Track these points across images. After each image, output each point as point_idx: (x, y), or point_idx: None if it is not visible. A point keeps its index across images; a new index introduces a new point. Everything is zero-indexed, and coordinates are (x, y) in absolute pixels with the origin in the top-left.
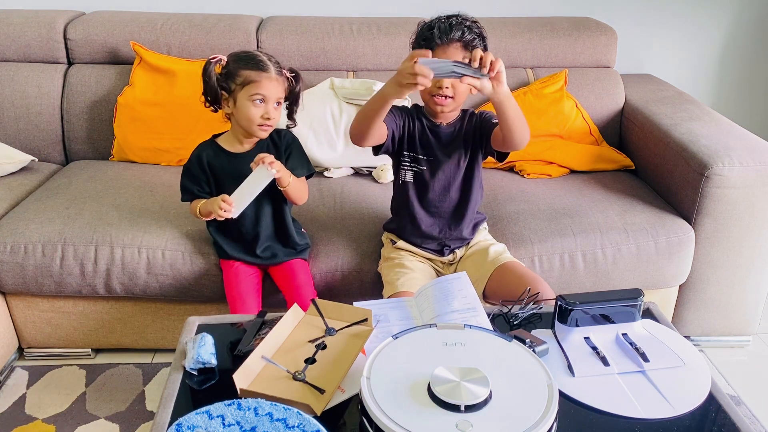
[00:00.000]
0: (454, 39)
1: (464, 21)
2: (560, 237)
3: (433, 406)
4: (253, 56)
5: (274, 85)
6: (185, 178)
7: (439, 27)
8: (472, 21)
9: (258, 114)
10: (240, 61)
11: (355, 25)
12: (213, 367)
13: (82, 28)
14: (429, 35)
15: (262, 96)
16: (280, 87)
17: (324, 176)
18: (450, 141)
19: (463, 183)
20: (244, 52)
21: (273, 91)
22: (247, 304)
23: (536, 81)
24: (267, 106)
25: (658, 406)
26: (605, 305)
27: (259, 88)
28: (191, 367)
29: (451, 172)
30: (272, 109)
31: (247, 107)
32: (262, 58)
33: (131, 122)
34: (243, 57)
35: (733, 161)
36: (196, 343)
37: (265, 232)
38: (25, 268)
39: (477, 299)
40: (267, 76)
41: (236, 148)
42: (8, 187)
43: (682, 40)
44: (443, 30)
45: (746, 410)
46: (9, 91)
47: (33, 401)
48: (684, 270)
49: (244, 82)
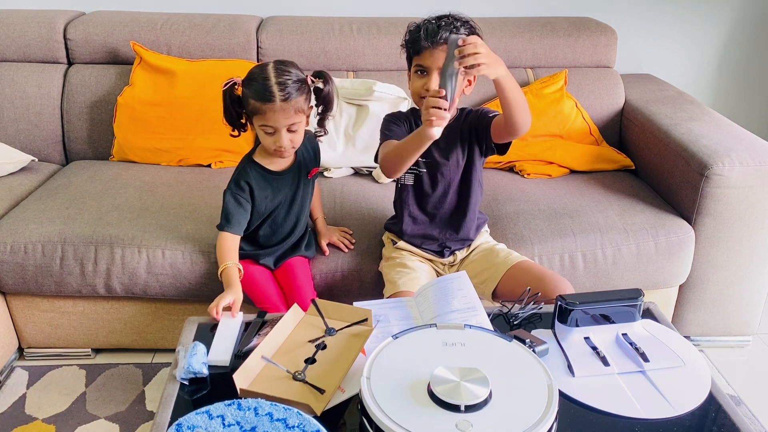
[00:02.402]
0: (441, 41)
1: (454, 21)
2: (560, 237)
3: (433, 406)
4: (259, 82)
5: (280, 115)
6: (234, 207)
7: (426, 29)
8: (463, 21)
9: (271, 142)
10: (249, 88)
11: (355, 25)
12: (205, 377)
13: (82, 28)
14: (416, 37)
15: (271, 127)
16: (289, 114)
17: (324, 176)
18: (448, 142)
19: (463, 183)
20: (254, 75)
21: (280, 120)
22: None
23: (536, 81)
24: (277, 135)
25: (658, 406)
26: (605, 305)
27: (265, 120)
28: (182, 377)
29: (450, 173)
30: (284, 137)
31: (261, 135)
32: (268, 86)
33: (131, 122)
34: (252, 83)
35: (733, 161)
36: (187, 352)
37: (291, 240)
38: (25, 268)
39: (477, 299)
40: (271, 107)
41: (274, 164)
42: (8, 187)
43: (682, 40)
44: (430, 32)
45: (746, 410)
46: (9, 91)
47: (33, 401)
48: (684, 270)
49: (253, 111)
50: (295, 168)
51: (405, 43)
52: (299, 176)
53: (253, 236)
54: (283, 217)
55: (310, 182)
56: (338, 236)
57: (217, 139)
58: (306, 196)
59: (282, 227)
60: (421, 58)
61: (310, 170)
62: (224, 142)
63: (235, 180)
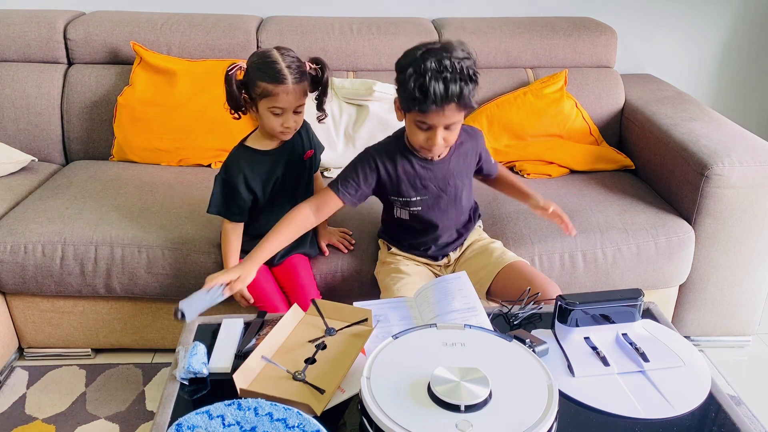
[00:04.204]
0: (452, 101)
1: (456, 67)
2: (560, 237)
3: (433, 406)
4: (270, 65)
5: (292, 96)
6: (230, 198)
7: (434, 91)
8: (464, 56)
9: (278, 123)
10: (258, 71)
11: (355, 25)
12: (205, 377)
13: (82, 28)
14: (420, 98)
15: (281, 108)
16: (299, 95)
17: (324, 176)
18: (445, 174)
19: (457, 203)
20: (262, 59)
21: (291, 102)
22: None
23: (536, 81)
24: (285, 116)
25: (658, 406)
26: (605, 305)
27: (276, 102)
28: (182, 377)
29: (447, 202)
30: (291, 118)
31: (267, 117)
32: (280, 68)
33: (131, 122)
34: (261, 66)
35: (733, 161)
36: (187, 352)
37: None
38: (25, 268)
39: (477, 299)
40: (284, 89)
41: (266, 146)
42: (8, 187)
43: (682, 40)
44: (438, 96)
45: (746, 410)
46: (9, 91)
47: (33, 401)
48: (684, 270)
49: (262, 94)
50: (287, 147)
51: (403, 94)
52: (291, 156)
53: (254, 226)
54: (282, 201)
55: (306, 165)
56: (338, 237)
57: (217, 139)
58: (303, 179)
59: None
60: (426, 116)
61: (305, 152)
62: (224, 142)
63: (226, 165)
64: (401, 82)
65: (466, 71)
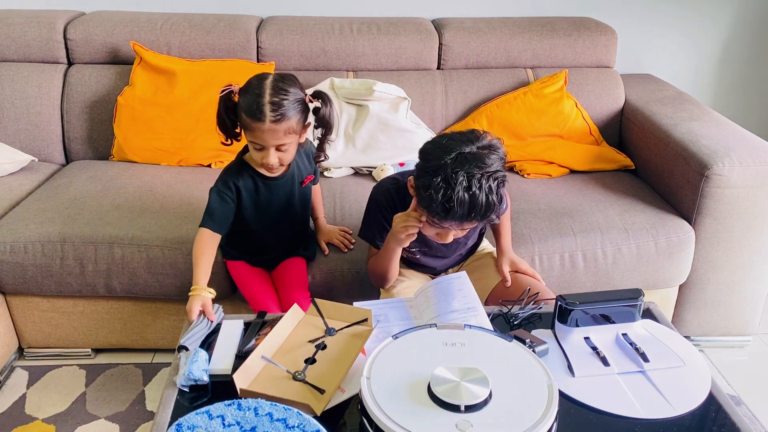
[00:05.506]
0: (475, 220)
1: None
2: (560, 237)
3: (433, 406)
4: (254, 98)
5: (268, 135)
6: (218, 204)
7: (457, 211)
8: (495, 169)
9: (259, 157)
10: (244, 100)
11: (355, 25)
12: (206, 384)
13: (82, 28)
14: (443, 215)
15: (259, 144)
16: (278, 134)
17: (324, 176)
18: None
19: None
20: (251, 89)
21: (268, 140)
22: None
23: (536, 81)
24: (265, 152)
25: (658, 406)
26: (605, 305)
27: (254, 137)
28: (182, 384)
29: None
30: (272, 155)
31: (251, 148)
32: (260, 104)
33: (131, 122)
34: (246, 96)
35: (733, 161)
36: (188, 358)
37: (283, 244)
38: (25, 268)
39: (477, 299)
40: (259, 127)
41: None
42: (8, 187)
43: (682, 40)
44: (458, 215)
45: (746, 410)
46: (9, 91)
47: (33, 401)
48: (684, 270)
49: (243, 125)
50: (289, 177)
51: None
52: (292, 185)
53: (248, 242)
54: (277, 224)
55: (304, 190)
56: (338, 236)
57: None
58: (300, 203)
59: (276, 233)
60: (443, 224)
61: (304, 178)
62: None
63: (223, 180)
64: (424, 186)
65: (495, 191)
